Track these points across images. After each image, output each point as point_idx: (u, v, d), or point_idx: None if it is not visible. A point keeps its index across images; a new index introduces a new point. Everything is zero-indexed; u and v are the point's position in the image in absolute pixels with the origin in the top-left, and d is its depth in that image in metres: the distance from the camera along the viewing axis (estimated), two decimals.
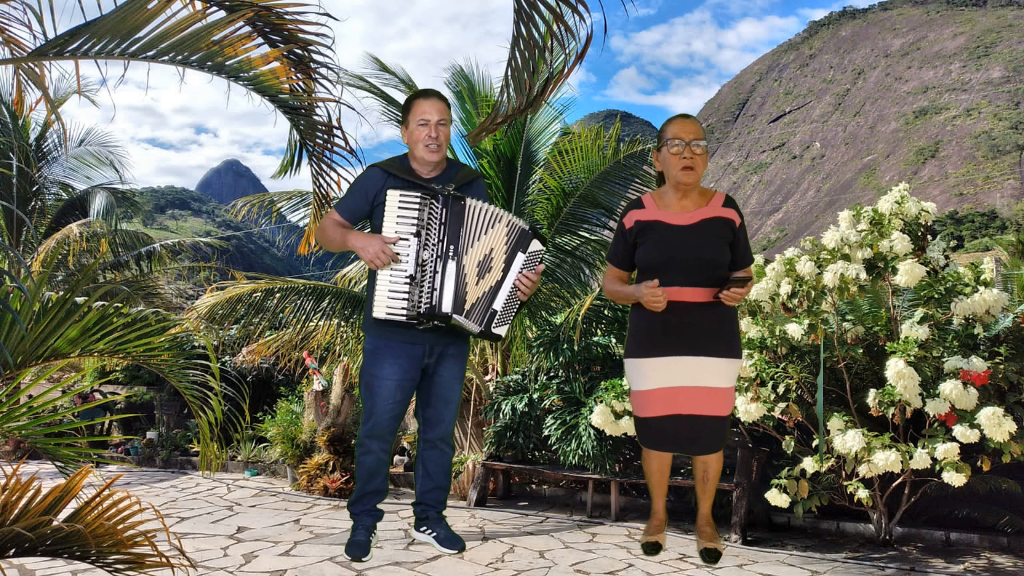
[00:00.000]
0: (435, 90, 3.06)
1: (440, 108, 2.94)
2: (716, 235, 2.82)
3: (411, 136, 2.95)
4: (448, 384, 2.99)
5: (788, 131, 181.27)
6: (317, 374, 7.91)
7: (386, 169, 2.97)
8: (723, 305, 2.82)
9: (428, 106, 2.93)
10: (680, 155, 2.80)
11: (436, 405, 3.00)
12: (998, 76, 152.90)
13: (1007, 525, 5.29)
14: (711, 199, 2.88)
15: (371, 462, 3.00)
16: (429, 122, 2.90)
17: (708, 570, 4.63)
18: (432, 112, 2.92)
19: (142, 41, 2.66)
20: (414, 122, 2.93)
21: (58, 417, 4.52)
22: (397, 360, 2.90)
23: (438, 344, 2.93)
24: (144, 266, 11.49)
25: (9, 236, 10.87)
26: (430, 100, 2.95)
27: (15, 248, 10.71)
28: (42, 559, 3.17)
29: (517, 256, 2.87)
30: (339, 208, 3.01)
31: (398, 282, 2.80)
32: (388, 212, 2.81)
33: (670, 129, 2.86)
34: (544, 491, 7.18)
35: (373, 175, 2.98)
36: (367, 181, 2.98)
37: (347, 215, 2.99)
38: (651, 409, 2.85)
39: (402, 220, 2.81)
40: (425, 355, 2.93)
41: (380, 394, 2.92)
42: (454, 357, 2.98)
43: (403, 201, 2.81)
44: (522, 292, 2.88)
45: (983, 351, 4.77)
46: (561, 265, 8.03)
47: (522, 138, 7.76)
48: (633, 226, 2.88)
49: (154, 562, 2.41)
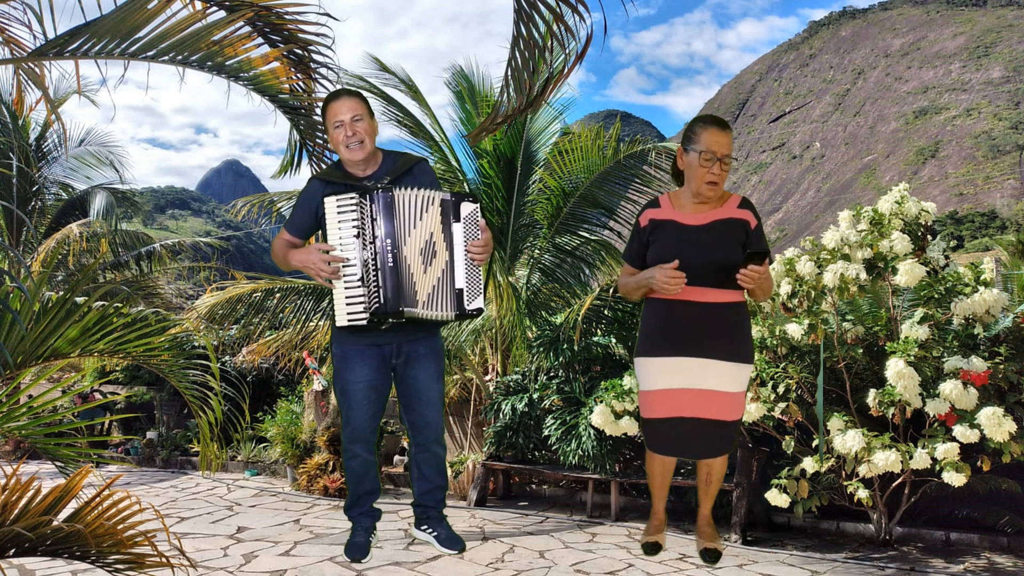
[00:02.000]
0: (345, 89, 3.02)
1: (351, 105, 2.88)
2: (729, 236, 2.79)
3: (332, 139, 2.91)
4: (426, 385, 2.95)
5: (788, 131, 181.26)
6: (317, 374, 7.91)
7: (323, 178, 2.97)
8: (735, 307, 2.79)
9: (338, 106, 2.87)
10: (709, 169, 2.75)
11: (418, 408, 2.97)
12: (998, 76, 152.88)
13: (1007, 525, 5.29)
14: (727, 200, 2.86)
15: (358, 465, 3.00)
16: (343, 122, 2.86)
17: (708, 570, 4.63)
18: (343, 111, 2.86)
19: (142, 41, 2.66)
20: (331, 127, 2.89)
21: (58, 417, 4.52)
22: (366, 361, 2.89)
23: (405, 343, 2.90)
24: (144, 266, 11.49)
25: (9, 236, 10.87)
26: (339, 100, 2.89)
27: (15, 248, 10.71)
28: (42, 559, 3.17)
29: (454, 227, 2.83)
30: (288, 227, 2.99)
31: (351, 287, 2.78)
32: (329, 220, 2.80)
33: (705, 138, 2.77)
34: (544, 491, 7.18)
35: (313, 187, 2.96)
36: (308, 194, 2.95)
37: (295, 232, 2.97)
38: (656, 410, 2.83)
39: (343, 224, 2.78)
40: (393, 355, 2.91)
41: (354, 397, 2.91)
42: (426, 357, 2.94)
43: (340, 205, 2.79)
44: (477, 259, 2.84)
45: (983, 351, 4.77)
46: (561, 265, 8.03)
47: (522, 138, 7.76)
48: (648, 225, 2.87)
49: (154, 562, 2.41)
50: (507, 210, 7.78)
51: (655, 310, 2.85)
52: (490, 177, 7.77)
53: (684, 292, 2.75)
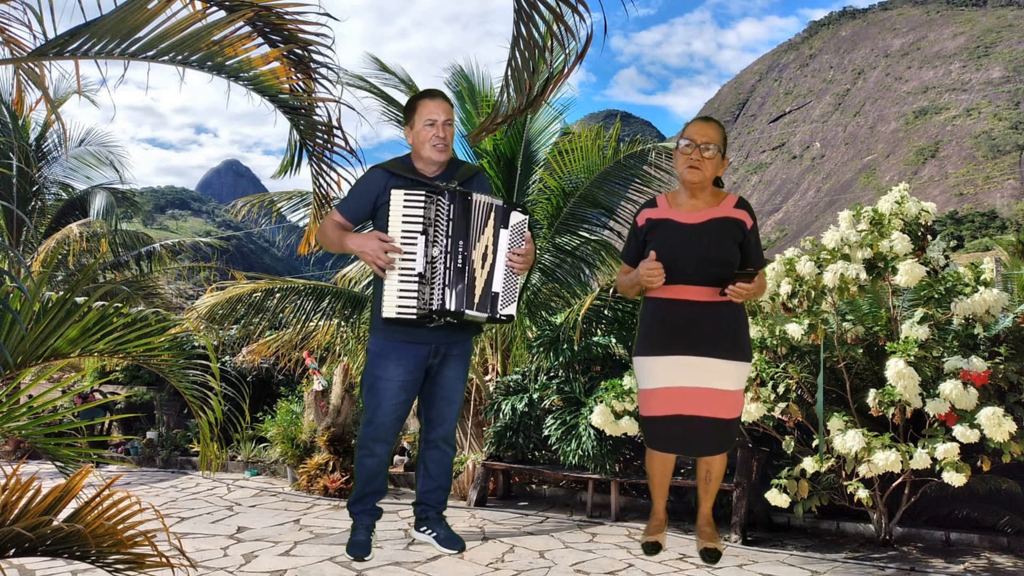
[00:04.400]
0: (439, 91, 3.06)
1: (446, 108, 2.96)
2: (724, 235, 2.82)
3: (417, 136, 2.95)
4: (452, 384, 2.98)
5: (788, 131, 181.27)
6: (317, 374, 7.91)
7: (389, 169, 2.97)
8: (732, 306, 2.81)
9: (435, 107, 2.93)
10: (688, 156, 2.83)
11: (439, 406, 2.99)
12: (998, 76, 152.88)
13: (1007, 525, 5.29)
14: (723, 200, 2.90)
15: (373, 464, 2.99)
16: (436, 122, 2.91)
17: (708, 570, 4.63)
18: (439, 112, 2.92)
19: (142, 41, 2.66)
20: (420, 122, 2.93)
21: (58, 417, 4.52)
22: (402, 361, 2.89)
23: (443, 344, 2.92)
24: (144, 266, 11.49)
25: (9, 236, 10.87)
26: (436, 100, 2.95)
27: (15, 248, 10.71)
28: (42, 559, 3.17)
29: (501, 234, 2.86)
30: (341, 209, 3.00)
31: (407, 281, 2.79)
32: (393, 211, 2.81)
33: (687, 129, 2.91)
34: (544, 491, 7.18)
35: (376, 176, 2.97)
36: (370, 182, 2.97)
37: (348, 216, 2.98)
38: (655, 408, 2.84)
39: (408, 219, 2.80)
40: (430, 355, 2.92)
41: (384, 395, 2.90)
42: (458, 357, 2.97)
43: (408, 200, 2.80)
44: (516, 267, 2.87)
45: (983, 351, 4.77)
46: (561, 265, 8.03)
47: (522, 138, 7.76)
48: (644, 224, 2.91)
49: (154, 562, 2.41)
50: None
51: (653, 309, 2.87)
52: (490, 177, 7.77)
53: (681, 291, 2.78)
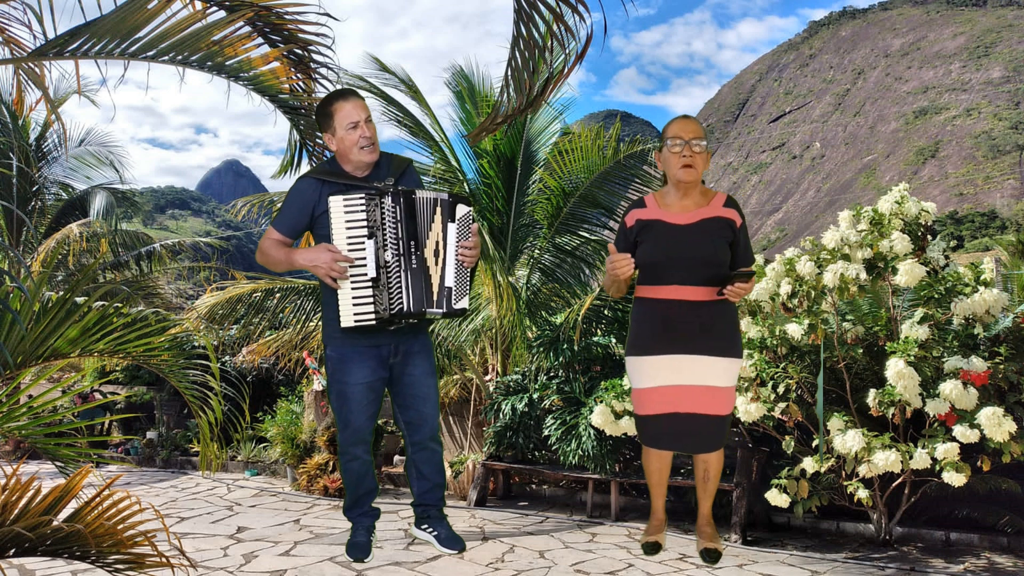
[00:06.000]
0: (352, 89, 2.97)
1: (364, 106, 2.86)
2: (715, 234, 2.83)
3: (341, 142, 2.83)
4: (423, 381, 2.94)
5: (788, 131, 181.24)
6: (317, 374, 7.91)
7: (320, 177, 2.88)
8: (723, 304, 2.83)
9: (352, 108, 2.82)
10: (680, 154, 2.83)
11: (415, 406, 2.95)
12: (998, 76, 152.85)
13: (1007, 525, 5.29)
14: (712, 199, 2.90)
15: (358, 467, 2.99)
16: (359, 123, 2.81)
17: (708, 570, 4.63)
18: (358, 112, 2.82)
19: (142, 41, 2.66)
20: (341, 127, 2.81)
21: (58, 417, 4.52)
22: (365, 363, 2.86)
23: (403, 342, 2.89)
24: (144, 266, 11.49)
25: (9, 236, 10.87)
26: (352, 101, 2.84)
27: (15, 248, 10.71)
28: (42, 559, 3.17)
29: (449, 228, 2.83)
30: (277, 225, 2.89)
31: (361, 287, 2.74)
32: (335, 219, 2.73)
33: (671, 129, 2.89)
34: (544, 491, 7.18)
35: (308, 185, 2.87)
36: (304, 193, 2.87)
37: (286, 231, 2.89)
38: (650, 407, 2.87)
39: (352, 224, 2.73)
40: (391, 355, 2.89)
41: (353, 399, 2.88)
42: (420, 354, 2.93)
43: (348, 205, 2.73)
44: (467, 260, 2.84)
45: (983, 351, 4.77)
46: (561, 265, 8.03)
47: (522, 138, 7.76)
48: (634, 225, 2.90)
49: (154, 562, 2.41)
50: (507, 210, 7.79)
51: (645, 310, 2.88)
52: (490, 177, 7.77)
53: (674, 291, 2.80)
